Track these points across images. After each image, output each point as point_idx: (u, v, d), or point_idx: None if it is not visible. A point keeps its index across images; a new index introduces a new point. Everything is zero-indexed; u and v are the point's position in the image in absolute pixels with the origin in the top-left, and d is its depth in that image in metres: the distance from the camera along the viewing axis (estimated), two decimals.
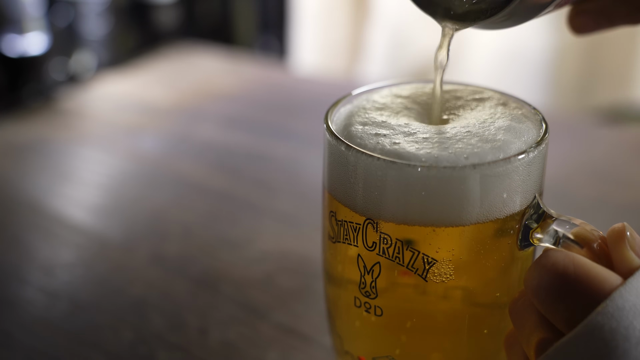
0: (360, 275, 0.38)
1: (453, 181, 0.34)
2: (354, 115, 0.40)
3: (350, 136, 0.38)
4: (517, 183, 0.36)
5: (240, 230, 0.67)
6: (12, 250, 0.64)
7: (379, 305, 0.38)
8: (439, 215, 0.35)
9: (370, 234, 0.36)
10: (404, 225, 0.36)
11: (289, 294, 0.58)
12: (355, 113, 0.40)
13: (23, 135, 0.87)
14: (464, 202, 0.35)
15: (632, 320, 0.30)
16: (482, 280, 0.38)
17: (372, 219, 0.36)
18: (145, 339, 0.53)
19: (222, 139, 0.87)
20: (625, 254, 0.32)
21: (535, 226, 0.36)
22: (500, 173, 0.35)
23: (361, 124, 0.39)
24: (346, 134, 0.38)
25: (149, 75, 1.07)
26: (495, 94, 0.41)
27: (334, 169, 0.38)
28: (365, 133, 0.38)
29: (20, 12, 0.94)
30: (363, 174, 0.36)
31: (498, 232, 0.36)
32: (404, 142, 0.36)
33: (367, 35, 1.76)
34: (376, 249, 0.37)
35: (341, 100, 0.42)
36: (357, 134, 0.38)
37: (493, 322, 0.39)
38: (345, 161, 0.37)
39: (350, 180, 0.37)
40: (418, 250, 0.36)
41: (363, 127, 0.38)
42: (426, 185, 0.34)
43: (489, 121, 0.38)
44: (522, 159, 0.35)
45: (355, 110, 0.41)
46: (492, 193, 0.35)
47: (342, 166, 0.37)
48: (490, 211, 0.35)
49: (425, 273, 0.36)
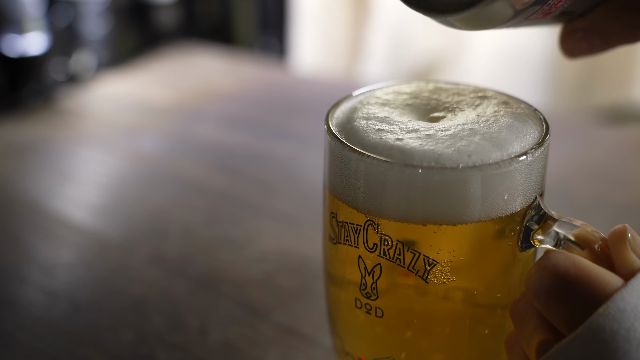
0: (361, 276, 0.38)
1: (455, 181, 0.34)
2: (356, 111, 0.40)
3: (353, 132, 0.38)
4: (518, 183, 0.35)
5: (240, 230, 0.67)
6: (12, 250, 0.64)
7: (379, 307, 0.38)
8: (440, 215, 0.35)
9: (371, 235, 0.36)
10: (405, 226, 0.35)
11: (289, 294, 0.58)
12: (358, 109, 0.40)
13: (23, 135, 0.87)
14: (465, 202, 0.35)
15: (633, 322, 0.30)
16: (483, 282, 0.37)
17: (373, 220, 0.36)
18: (145, 339, 0.53)
19: (222, 139, 0.87)
20: (627, 255, 0.32)
21: (536, 227, 0.36)
22: (502, 173, 0.35)
23: (364, 119, 0.38)
24: (348, 129, 0.38)
25: (149, 75, 1.07)
26: (497, 93, 0.41)
27: (335, 169, 0.38)
28: (368, 128, 0.37)
29: (20, 12, 0.94)
30: (364, 175, 0.36)
31: (499, 233, 0.36)
32: (407, 138, 0.36)
33: (367, 35, 1.76)
34: (377, 250, 0.36)
35: (342, 100, 0.42)
36: (359, 130, 0.37)
37: (494, 323, 0.39)
38: (346, 161, 0.37)
39: (351, 181, 0.37)
40: (419, 251, 0.36)
41: (366, 122, 0.38)
42: (428, 185, 0.34)
43: (492, 119, 0.38)
44: (523, 159, 0.35)
45: (357, 106, 0.40)
46: (494, 193, 0.35)
47: (342, 167, 0.37)
48: (492, 211, 0.35)
49: (426, 274, 0.36)
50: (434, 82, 0.43)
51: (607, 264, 0.33)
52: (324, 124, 0.39)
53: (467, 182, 0.34)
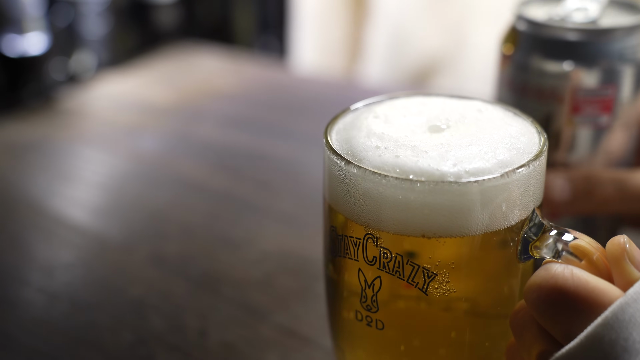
0: (361, 289, 0.38)
1: (453, 195, 0.35)
2: (355, 126, 0.40)
3: (352, 147, 0.38)
4: (516, 196, 0.36)
5: (240, 231, 0.67)
6: (12, 251, 0.64)
7: (380, 319, 0.38)
8: (439, 228, 0.35)
9: (371, 248, 0.37)
10: (404, 239, 0.36)
11: (289, 295, 0.58)
12: (356, 126, 0.40)
13: (23, 135, 0.87)
14: (464, 215, 0.35)
15: (632, 331, 0.30)
16: (482, 293, 0.38)
17: (372, 233, 0.36)
18: (144, 340, 0.53)
19: (222, 139, 0.87)
20: (624, 266, 0.32)
21: (535, 239, 0.36)
22: (500, 186, 0.35)
23: (363, 134, 0.39)
24: (347, 144, 0.38)
25: (149, 75, 1.06)
26: (494, 106, 0.42)
27: (334, 184, 0.38)
28: (365, 145, 0.38)
29: (20, 12, 0.94)
30: (363, 189, 0.36)
31: (498, 244, 0.36)
32: (404, 155, 0.36)
33: (367, 35, 1.76)
34: (376, 263, 0.37)
35: (340, 114, 0.42)
36: (358, 145, 0.38)
37: (494, 333, 0.39)
38: (345, 176, 0.37)
39: (350, 195, 0.37)
40: (418, 264, 0.36)
41: (365, 137, 0.38)
42: (426, 199, 0.35)
43: (490, 133, 0.38)
44: (521, 172, 0.36)
45: (355, 122, 0.41)
46: (492, 206, 0.35)
47: (341, 181, 0.37)
48: (490, 224, 0.36)
49: (425, 286, 0.36)
50: (433, 95, 0.44)
51: (606, 275, 0.33)
52: (322, 139, 0.39)
53: (465, 196, 0.35)
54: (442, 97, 0.44)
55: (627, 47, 0.48)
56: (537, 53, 0.49)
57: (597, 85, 0.48)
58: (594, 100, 0.48)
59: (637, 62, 0.49)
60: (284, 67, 1.48)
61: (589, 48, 0.48)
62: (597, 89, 0.48)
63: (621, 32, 0.48)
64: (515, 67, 0.50)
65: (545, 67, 0.48)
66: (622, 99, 0.49)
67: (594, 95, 0.48)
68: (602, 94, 0.48)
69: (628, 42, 0.48)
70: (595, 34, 0.48)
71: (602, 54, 0.48)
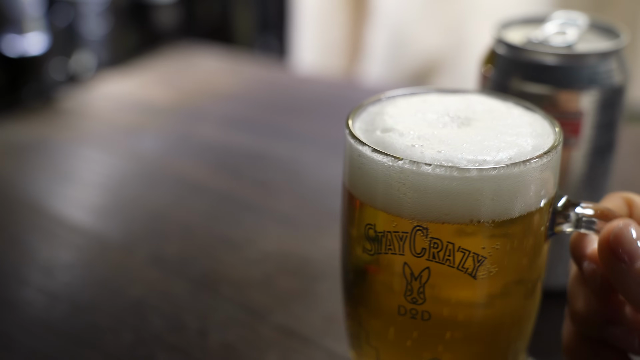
0: (407, 282, 0.38)
1: (499, 179, 0.37)
2: (377, 129, 0.41)
3: (383, 142, 0.39)
4: (549, 176, 0.39)
5: (240, 231, 0.67)
6: (12, 251, 0.64)
7: (426, 310, 0.39)
8: (485, 212, 0.37)
9: (419, 240, 0.37)
10: (454, 227, 0.37)
11: (289, 296, 0.58)
12: (377, 121, 0.41)
13: (23, 135, 0.87)
14: (509, 197, 0.37)
15: None
16: (522, 271, 0.40)
17: (421, 225, 0.37)
18: (144, 340, 0.53)
19: (222, 139, 0.87)
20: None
21: (563, 216, 0.40)
22: (538, 167, 0.38)
23: (395, 132, 0.40)
24: (378, 140, 0.39)
25: (149, 75, 1.07)
26: (503, 100, 0.44)
27: (371, 180, 0.39)
28: (403, 145, 0.39)
29: (20, 12, 0.94)
30: (411, 183, 0.37)
31: (535, 224, 0.39)
32: (445, 150, 0.38)
33: (367, 35, 1.76)
34: (425, 254, 0.38)
35: (357, 110, 0.43)
36: (390, 140, 0.39)
37: (528, 312, 0.42)
38: (389, 173, 0.37)
39: (394, 190, 0.37)
40: (468, 250, 0.37)
41: (401, 137, 0.39)
42: (475, 186, 0.36)
43: (513, 123, 0.41)
44: (552, 153, 0.38)
45: (376, 118, 0.42)
46: (532, 186, 0.38)
47: (385, 179, 0.38)
48: (530, 203, 0.38)
49: (474, 271, 0.38)
50: (449, 91, 0.46)
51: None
52: (347, 135, 0.40)
53: (509, 179, 0.37)
54: (461, 93, 0.45)
55: (600, 72, 0.50)
56: (514, 75, 0.51)
57: (569, 109, 0.50)
58: (565, 122, 0.49)
59: (609, 87, 0.50)
60: (284, 67, 1.48)
61: (562, 72, 0.49)
62: (568, 112, 0.50)
63: (595, 58, 0.49)
64: (494, 88, 0.52)
65: (521, 89, 0.50)
66: (592, 123, 0.51)
67: (564, 118, 0.50)
68: (572, 117, 0.50)
69: (601, 67, 0.50)
70: (568, 58, 0.49)
71: (576, 78, 0.49)
